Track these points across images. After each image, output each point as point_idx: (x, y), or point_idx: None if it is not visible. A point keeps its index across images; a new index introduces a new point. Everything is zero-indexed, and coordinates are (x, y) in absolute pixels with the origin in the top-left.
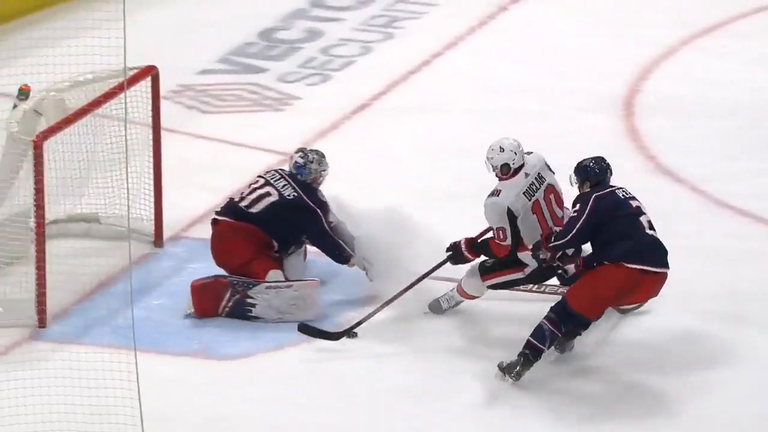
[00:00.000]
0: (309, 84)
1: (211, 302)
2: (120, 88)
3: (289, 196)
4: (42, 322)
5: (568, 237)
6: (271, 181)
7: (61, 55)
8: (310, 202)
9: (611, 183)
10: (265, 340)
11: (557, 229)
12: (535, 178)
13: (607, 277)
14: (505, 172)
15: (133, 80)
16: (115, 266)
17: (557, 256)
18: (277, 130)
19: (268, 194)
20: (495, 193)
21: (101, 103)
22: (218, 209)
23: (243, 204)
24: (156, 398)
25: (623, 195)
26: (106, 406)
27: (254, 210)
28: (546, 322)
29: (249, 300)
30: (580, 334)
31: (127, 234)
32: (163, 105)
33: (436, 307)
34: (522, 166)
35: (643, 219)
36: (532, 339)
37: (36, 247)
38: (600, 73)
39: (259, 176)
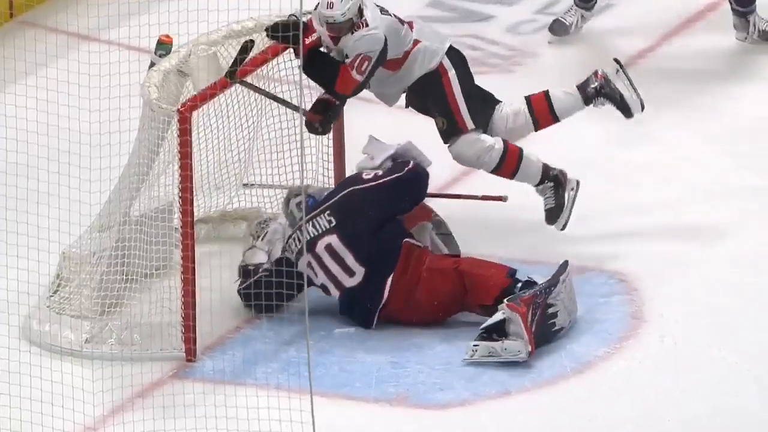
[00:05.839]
0: (549, 37)
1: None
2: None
3: None
4: (190, 354)
5: None
6: None
7: None
8: None
9: None
10: (483, 383)
11: None
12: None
13: None
14: (360, 16)
15: (310, 29)
16: None
17: None
18: (505, 98)
19: None
20: (360, 26)
21: (266, 61)
22: None
23: None
24: None
25: None
26: None
27: None
28: None
29: (551, 310)
30: None
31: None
32: None
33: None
34: None
35: None
36: None
37: (182, 253)
38: None
39: None
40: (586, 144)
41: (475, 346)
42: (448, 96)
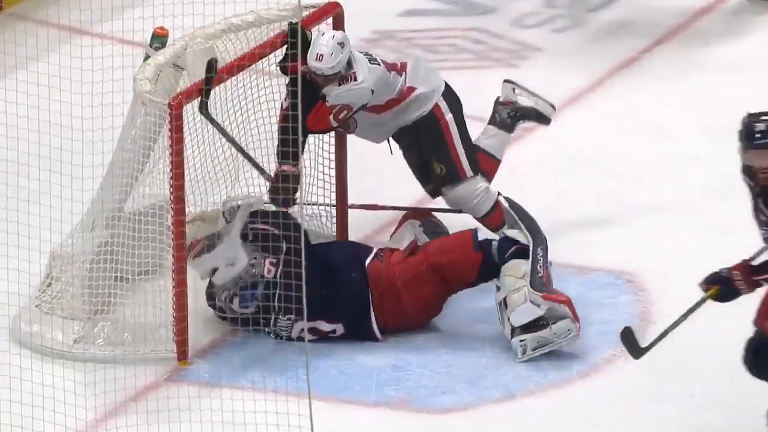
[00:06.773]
0: (555, 30)
1: None
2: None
3: None
4: (183, 357)
5: None
6: None
7: None
8: None
9: None
10: (486, 386)
11: None
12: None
13: None
14: (349, 67)
15: (308, 23)
16: None
17: None
18: None
19: None
20: (348, 79)
21: (264, 55)
22: None
23: None
24: None
25: None
26: None
27: None
28: None
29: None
30: None
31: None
32: None
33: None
34: None
35: None
36: None
37: (174, 253)
38: None
39: None
40: (588, 143)
41: (522, 341)
42: (448, 143)
